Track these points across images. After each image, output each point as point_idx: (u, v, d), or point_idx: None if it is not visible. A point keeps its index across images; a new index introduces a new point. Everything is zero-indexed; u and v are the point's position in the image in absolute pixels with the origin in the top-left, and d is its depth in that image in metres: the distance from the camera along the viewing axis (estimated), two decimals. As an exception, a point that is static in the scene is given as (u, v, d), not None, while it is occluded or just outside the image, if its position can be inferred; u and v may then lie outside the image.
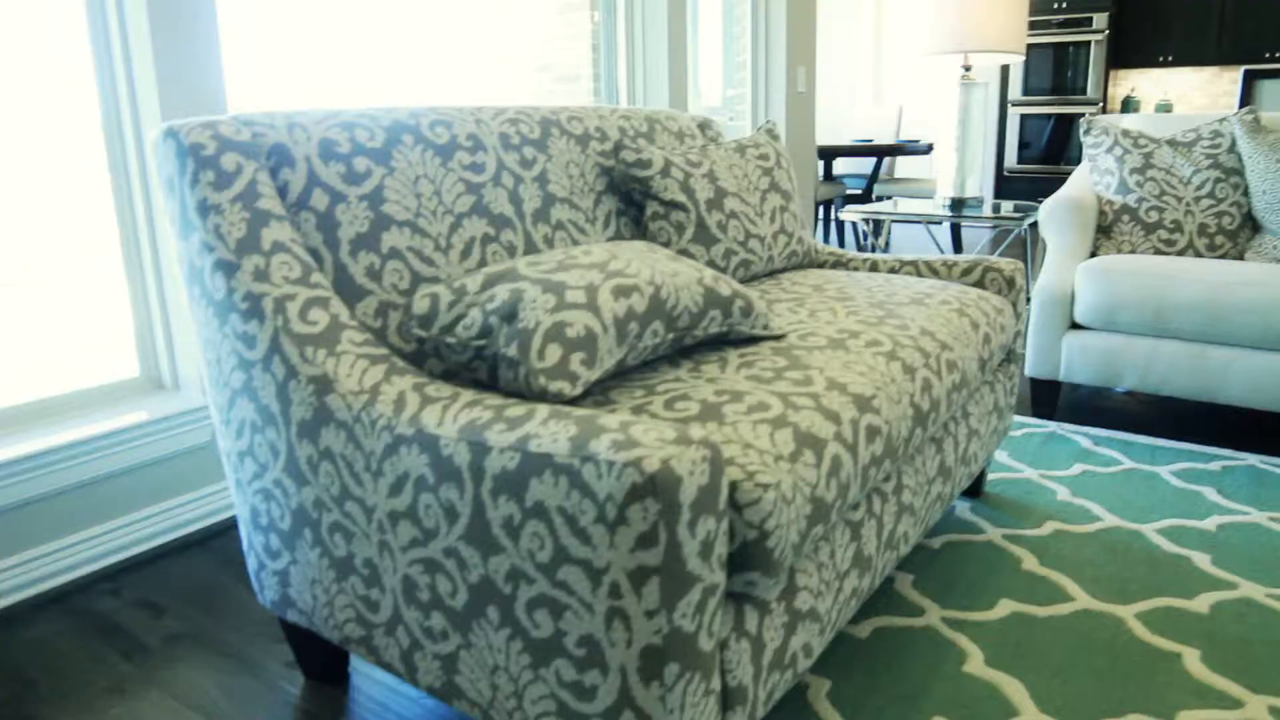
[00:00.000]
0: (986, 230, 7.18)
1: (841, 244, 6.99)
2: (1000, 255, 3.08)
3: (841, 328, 1.61)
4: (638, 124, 2.15)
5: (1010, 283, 2.13)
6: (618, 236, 1.96)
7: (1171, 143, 2.99)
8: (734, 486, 1.05)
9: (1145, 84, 7.76)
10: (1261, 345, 2.55)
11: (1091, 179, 3.08)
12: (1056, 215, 2.90)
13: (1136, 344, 2.71)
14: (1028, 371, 2.90)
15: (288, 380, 1.30)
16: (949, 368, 1.64)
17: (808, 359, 1.44)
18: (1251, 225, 2.87)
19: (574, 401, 1.30)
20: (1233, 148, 2.91)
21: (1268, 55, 7.02)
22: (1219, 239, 2.85)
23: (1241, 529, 2.15)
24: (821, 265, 2.35)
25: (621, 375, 1.38)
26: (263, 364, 1.32)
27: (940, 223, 3.16)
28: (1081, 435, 2.77)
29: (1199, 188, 2.89)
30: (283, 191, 1.44)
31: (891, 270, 2.26)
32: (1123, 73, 7.81)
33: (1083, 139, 3.09)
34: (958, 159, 3.31)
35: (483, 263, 1.64)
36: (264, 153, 1.45)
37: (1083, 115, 7.53)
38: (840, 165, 7.73)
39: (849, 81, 8.59)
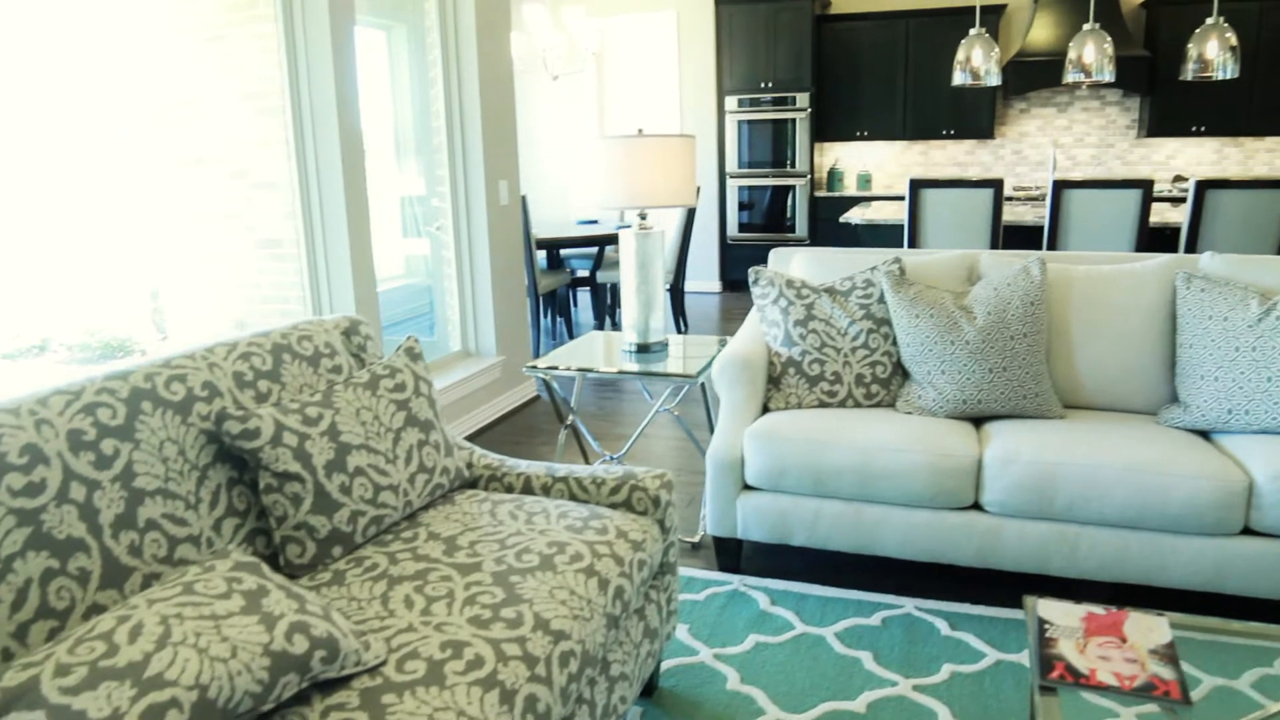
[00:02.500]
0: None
1: (569, 326, 7.04)
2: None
3: (449, 639, 1.55)
4: (260, 362, 2.01)
5: (656, 501, 2.15)
6: (230, 513, 1.81)
7: (830, 291, 3.16)
8: None
9: (847, 155, 8.34)
10: (904, 504, 2.73)
11: (762, 328, 3.21)
12: (726, 374, 3.00)
13: (803, 504, 2.83)
14: (709, 530, 2.97)
15: None
16: (563, 661, 1.61)
17: (394, 710, 1.37)
18: (902, 373, 3.08)
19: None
20: (882, 298, 3.11)
21: (944, 132, 7.77)
22: (874, 387, 3.04)
23: (887, 706, 2.28)
24: (475, 483, 2.29)
25: (173, 778, 1.25)
26: None
27: (626, 376, 3.20)
28: (761, 591, 2.86)
29: (854, 338, 3.07)
30: None
31: (545, 488, 2.23)
32: (827, 145, 8.36)
33: (751, 288, 3.21)
34: (639, 303, 3.37)
35: (44, 606, 1.46)
36: None
37: (794, 187, 7.98)
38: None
39: (574, 162, 8.71)
